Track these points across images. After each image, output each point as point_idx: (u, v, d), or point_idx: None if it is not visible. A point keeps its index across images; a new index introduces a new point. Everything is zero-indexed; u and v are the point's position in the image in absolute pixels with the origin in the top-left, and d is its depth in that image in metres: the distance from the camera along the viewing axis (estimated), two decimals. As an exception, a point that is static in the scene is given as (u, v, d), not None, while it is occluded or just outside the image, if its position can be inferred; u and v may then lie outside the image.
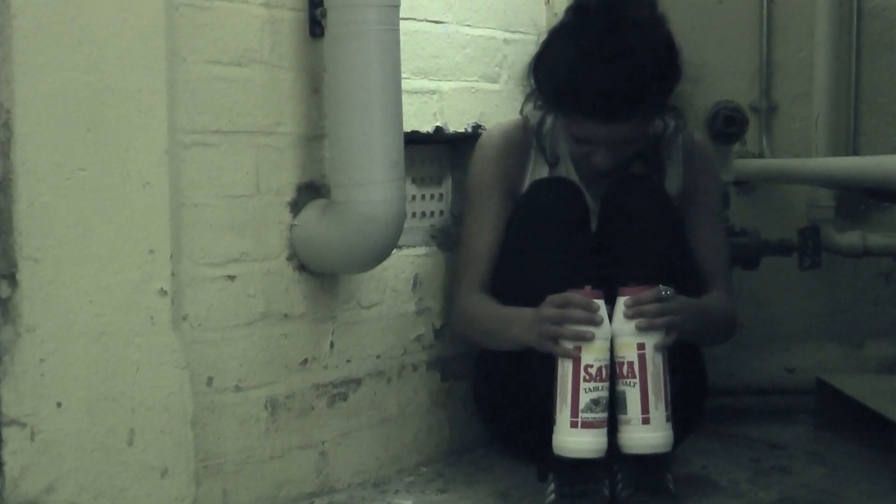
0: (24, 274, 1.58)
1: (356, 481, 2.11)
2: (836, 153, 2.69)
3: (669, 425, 1.90)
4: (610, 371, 1.90)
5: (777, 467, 2.22)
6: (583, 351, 1.88)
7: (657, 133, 2.16)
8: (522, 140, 2.19)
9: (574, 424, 1.87)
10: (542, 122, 2.18)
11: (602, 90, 1.96)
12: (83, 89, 1.62)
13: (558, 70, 2.02)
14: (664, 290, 1.93)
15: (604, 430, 1.89)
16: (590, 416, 1.87)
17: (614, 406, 1.90)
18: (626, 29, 1.97)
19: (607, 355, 1.89)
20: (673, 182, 2.19)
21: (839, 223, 2.73)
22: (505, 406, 2.16)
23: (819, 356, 2.72)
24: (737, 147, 2.74)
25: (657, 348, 1.90)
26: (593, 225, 2.14)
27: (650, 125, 2.10)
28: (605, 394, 1.88)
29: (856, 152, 2.77)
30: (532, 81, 2.11)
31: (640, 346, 1.89)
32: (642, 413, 1.88)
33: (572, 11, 2.06)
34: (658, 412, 1.89)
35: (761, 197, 2.78)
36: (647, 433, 1.89)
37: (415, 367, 2.24)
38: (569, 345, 1.89)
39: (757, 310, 2.76)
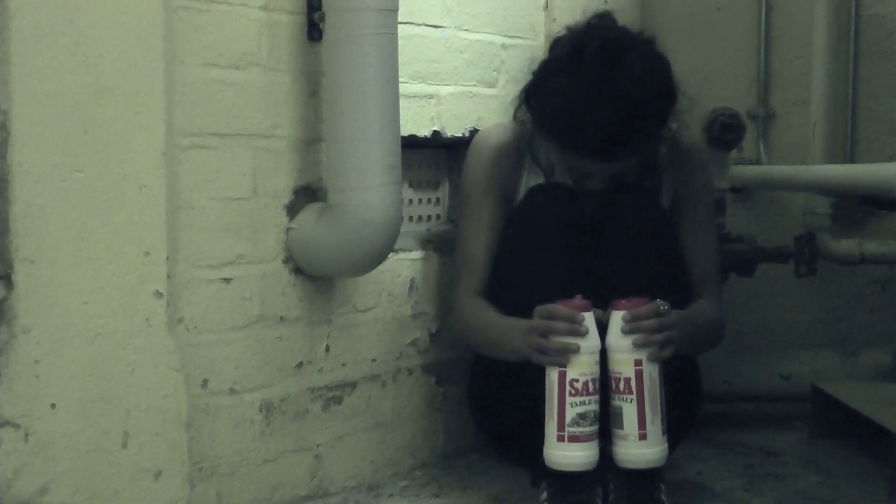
0: (20, 275, 1.58)
1: (350, 485, 2.11)
2: (833, 160, 2.69)
3: (665, 438, 1.89)
4: (601, 384, 1.88)
5: (772, 474, 2.23)
6: (569, 365, 1.86)
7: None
8: (518, 143, 2.19)
9: (560, 438, 1.86)
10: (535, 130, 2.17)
11: (599, 134, 1.95)
12: (81, 91, 1.62)
13: (554, 109, 2.01)
14: (661, 305, 1.91)
15: (593, 443, 1.87)
16: (576, 430, 1.85)
17: (609, 419, 1.89)
18: (624, 74, 1.96)
19: (595, 369, 1.87)
20: (667, 187, 2.19)
21: (835, 230, 2.73)
22: (499, 411, 2.16)
23: (814, 363, 2.72)
24: (734, 154, 2.73)
25: (654, 363, 1.89)
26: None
27: (645, 155, 2.10)
28: (593, 407, 1.86)
29: (853, 160, 2.77)
30: (525, 108, 2.10)
31: (637, 363, 1.87)
32: (639, 429, 1.87)
33: (569, 49, 2.02)
34: (654, 427, 1.87)
35: (758, 204, 2.79)
36: (644, 448, 1.87)
37: (410, 371, 2.24)
38: (554, 357, 1.88)
39: (753, 317, 2.76)
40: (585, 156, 2.01)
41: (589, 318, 1.88)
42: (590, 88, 1.95)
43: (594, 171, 2.05)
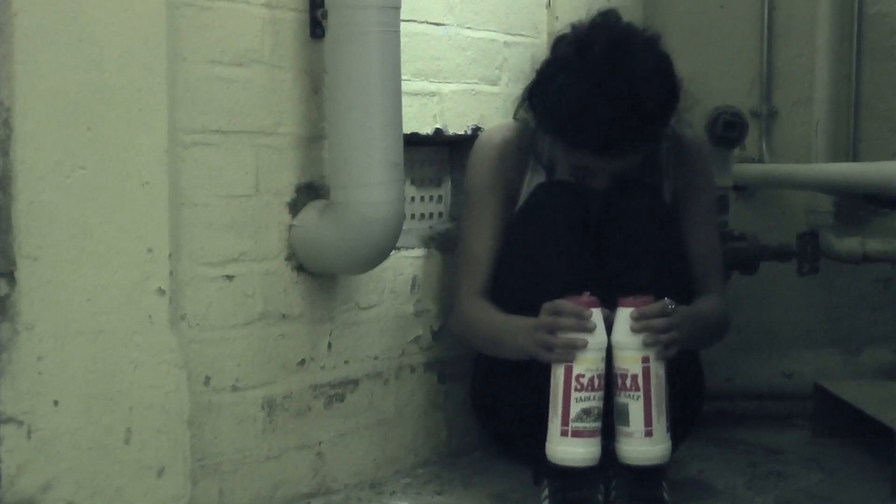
0: (23, 272, 1.58)
1: (353, 482, 2.12)
2: (835, 159, 2.69)
3: (669, 435, 1.90)
4: (607, 381, 1.88)
5: (774, 472, 2.23)
6: (575, 361, 1.86)
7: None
8: (521, 142, 2.19)
9: (564, 433, 1.86)
10: (538, 129, 2.17)
11: (603, 131, 1.95)
12: (83, 88, 1.62)
13: (559, 106, 2.00)
14: (669, 304, 1.92)
15: (596, 440, 1.87)
16: (580, 425, 1.86)
17: (614, 417, 1.89)
18: (629, 72, 1.96)
19: (601, 365, 1.87)
20: (669, 183, 2.20)
21: (838, 229, 2.73)
22: (502, 409, 2.16)
23: (817, 362, 2.72)
24: (737, 152, 2.73)
25: (660, 361, 1.89)
26: (592, 229, 2.14)
27: (648, 152, 2.10)
28: (597, 404, 1.87)
29: (855, 158, 2.77)
30: (528, 108, 2.10)
31: (645, 360, 1.87)
32: (645, 426, 1.87)
33: (574, 48, 2.03)
34: (660, 424, 1.88)
35: (761, 202, 2.78)
36: (649, 446, 1.88)
37: (412, 369, 2.24)
38: (561, 353, 1.88)
39: (755, 315, 2.76)
40: (589, 153, 2.01)
41: (596, 315, 1.88)
42: (594, 86, 1.95)
43: (598, 168, 2.05)
